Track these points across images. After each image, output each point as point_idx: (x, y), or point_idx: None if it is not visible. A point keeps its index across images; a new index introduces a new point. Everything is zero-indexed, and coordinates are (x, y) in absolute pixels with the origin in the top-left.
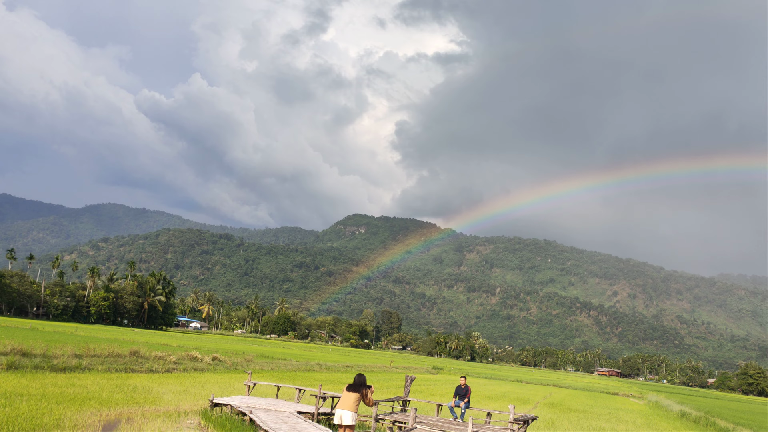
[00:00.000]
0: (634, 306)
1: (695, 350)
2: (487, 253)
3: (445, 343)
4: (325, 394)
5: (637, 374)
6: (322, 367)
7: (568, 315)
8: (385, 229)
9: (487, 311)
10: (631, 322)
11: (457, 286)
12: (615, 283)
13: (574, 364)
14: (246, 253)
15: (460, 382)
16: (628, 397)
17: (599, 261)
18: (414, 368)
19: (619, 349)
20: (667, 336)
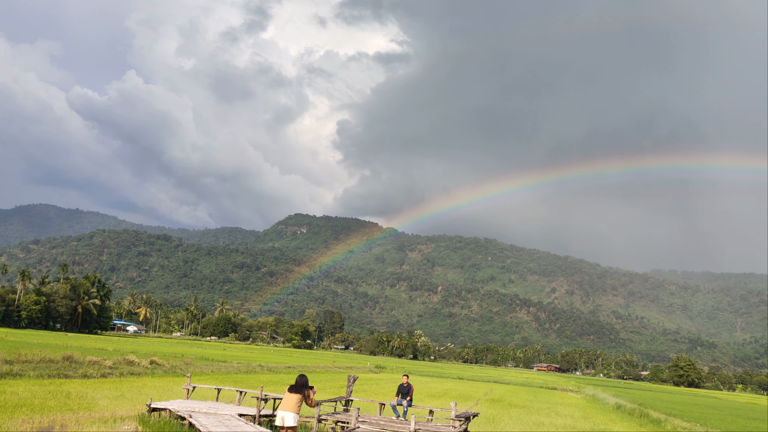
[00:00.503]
0: (572, 302)
1: (630, 344)
2: (428, 251)
3: (387, 342)
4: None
5: (574, 369)
6: (263, 368)
7: (508, 312)
8: (327, 229)
9: (429, 309)
10: (569, 318)
11: (399, 285)
12: (553, 279)
13: (515, 361)
14: (185, 254)
15: (403, 381)
16: (566, 391)
17: (538, 258)
18: (357, 368)
19: (558, 344)
20: (603, 331)
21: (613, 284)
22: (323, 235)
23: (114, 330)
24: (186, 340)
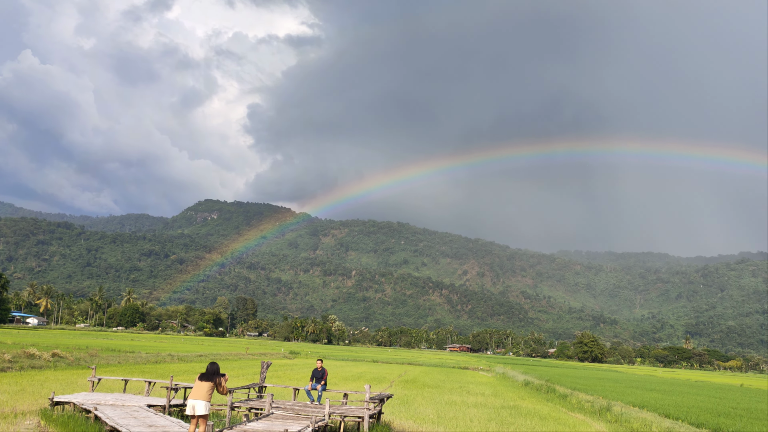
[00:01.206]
0: (483, 284)
1: (538, 323)
2: (342, 236)
3: (301, 328)
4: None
5: (486, 348)
6: (174, 358)
7: (421, 295)
8: (239, 215)
9: (343, 294)
10: (480, 299)
11: (313, 270)
12: (465, 262)
13: (428, 342)
14: (88, 242)
15: (317, 365)
16: (477, 370)
17: (450, 241)
18: (270, 354)
19: (470, 325)
20: (513, 311)
21: (522, 265)
22: (235, 221)
23: (13, 323)
24: (91, 331)
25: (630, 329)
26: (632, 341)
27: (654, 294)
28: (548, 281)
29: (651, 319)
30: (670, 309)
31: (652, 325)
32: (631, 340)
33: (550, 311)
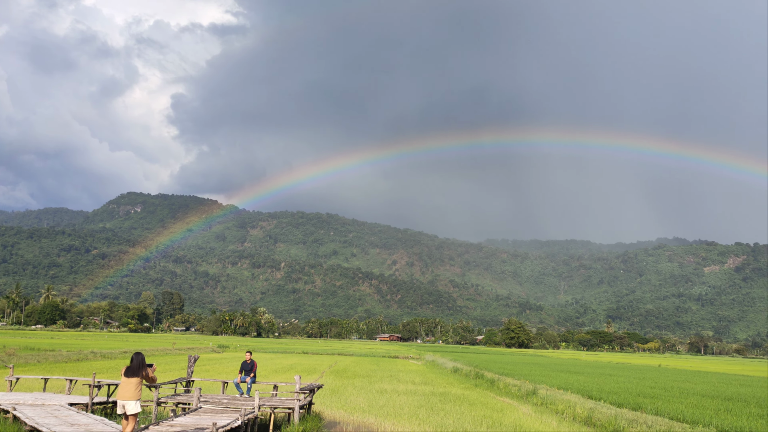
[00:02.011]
0: (412, 273)
1: (466, 311)
2: (270, 228)
3: (230, 321)
4: (100, 383)
5: (415, 337)
6: (96, 355)
7: (351, 285)
8: (164, 207)
9: (272, 286)
10: (409, 288)
11: (241, 262)
12: (394, 252)
13: (358, 333)
14: (3, 238)
15: (246, 358)
16: (407, 359)
17: (379, 232)
18: (198, 348)
19: (399, 314)
20: (442, 299)
21: (451, 255)
22: (159, 213)
23: None
24: (7, 330)
25: (555, 315)
26: (557, 326)
27: (577, 280)
28: (476, 270)
29: (574, 304)
30: (593, 294)
31: (576, 311)
32: (556, 326)
33: (478, 299)
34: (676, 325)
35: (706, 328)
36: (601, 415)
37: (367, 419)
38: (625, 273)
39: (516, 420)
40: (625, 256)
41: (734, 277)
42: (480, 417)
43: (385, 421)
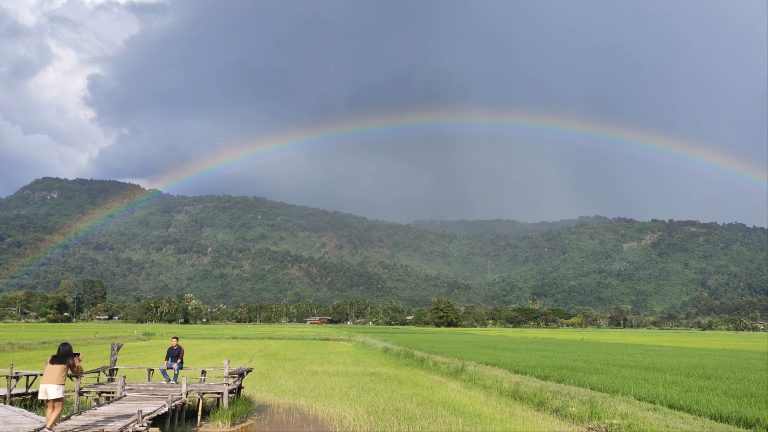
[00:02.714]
0: (342, 256)
1: (396, 292)
2: (196, 212)
3: (156, 308)
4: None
5: (346, 319)
6: (14, 346)
7: (280, 269)
8: (82, 193)
9: (199, 272)
10: (339, 271)
11: (166, 248)
12: (323, 235)
13: (288, 316)
14: None
15: (172, 344)
16: (338, 341)
17: (308, 215)
18: (122, 337)
19: (330, 297)
20: (372, 281)
21: (380, 236)
22: (78, 199)
23: None
24: None
25: (482, 293)
26: (484, 305)
27: (504, 259)
28: (405, 251)
29: (501, 282)
30: (519, 272)
31: (503, 289)
32: (484, 304)
33: (407, 280)
34: (598, 300)
35: (625, 303)
36: (527, 389)
37: (298, 401)
38: (549, 251)
39: (445, 396)
40: (549, 235)
41: (651, 252)
42: (410, 395)
43: (316, 403)
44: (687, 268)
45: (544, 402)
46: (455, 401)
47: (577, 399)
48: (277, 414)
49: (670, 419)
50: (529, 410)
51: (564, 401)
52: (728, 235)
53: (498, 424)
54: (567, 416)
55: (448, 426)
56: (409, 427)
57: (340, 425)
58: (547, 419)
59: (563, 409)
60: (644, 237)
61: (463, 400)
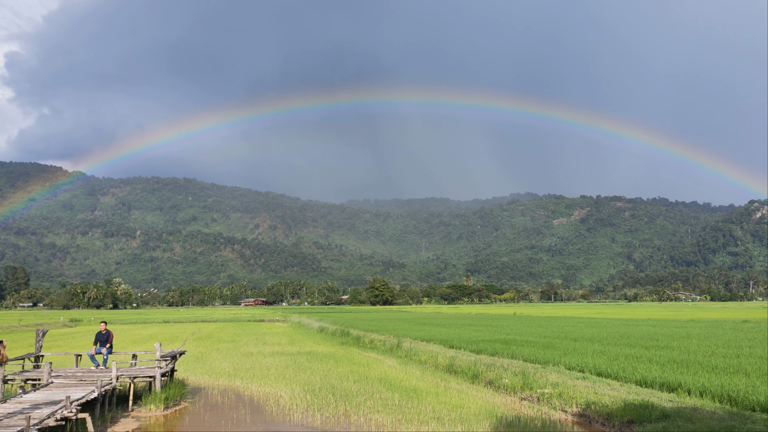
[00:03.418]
0: (275, 236)
1: (331, 272)
2: (123, 195)
3: (83, 294)
4: None
5: (281, 300)
6: None
7: (212, 251)
8: (1, 176)
9: (128, 256)
10: (273, 252)
11: (92, 232)
12: (256, 216)
13: (222, 299)
14: None
15: (101, 328)
16: (273, 322)
17: (240, 196)
18: (48, 324)
19: (264, 278)
20: (306, 261)
21: (314, 216)
22: None
23: None
24: None
25: (417, 271)
26: (419, 282)
27: (438, 237)
28: (339, 230)
29: (435, 260)
30: (452, 250)
31: (437, 266)
32: (419, 282)
33: (342, 259)
34: (529, 275)
35: (555, 277)
36: (462, 363)
37: (233, 383)
38: (482, 228)
39: (382, 372)
40: (482, 212)
41: (580, 227)
42: (347, 372)
43: (251, 384)
44: (614, 243)
45: (478, 375)
46: (391, 377)
47: (510, 371)
48: (212, 396)
49: (599, 386)
50: (464, 383)
51: (497, 373)
52: (652, 209)
53: (434, 397)
54: (500, 388)
55: (384, 402)
56: (346, 404)
57: (276, 405)
58: (482, 391)
59: (497, 381)
60: (573, 213)
61: (399, 376)
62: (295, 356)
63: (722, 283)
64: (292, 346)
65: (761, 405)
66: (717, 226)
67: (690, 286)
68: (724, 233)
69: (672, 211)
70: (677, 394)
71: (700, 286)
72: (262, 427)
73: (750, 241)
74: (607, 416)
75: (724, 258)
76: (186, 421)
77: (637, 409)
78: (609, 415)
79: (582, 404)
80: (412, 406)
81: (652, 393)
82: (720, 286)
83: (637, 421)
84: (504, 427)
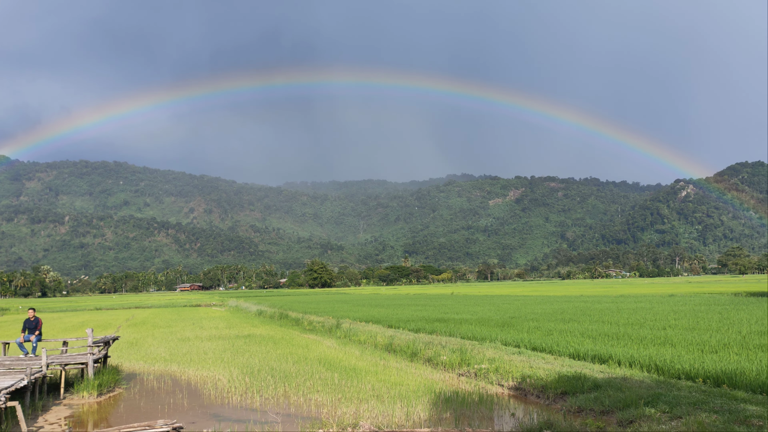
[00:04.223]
0: (211, 220)
1: (269, 255)
2: (50, 179)
3: (9, 282)
4: None
5: (218, 285)
6: None
7: (146, 236)
8: None
9: (56, 242)
10: (209, 236)
11: (17, 218)
12: (191, 200)
13: (157, 285)
14: None
15: (29, 315)
16: (210, 306)
17: (174, 179)
18: None
19: (200, 263)
20: (243, 245)
21: (250, 199)
22: None
23: None
24: None
25: (355, 253)
26: (358, 264)
27: (375, 219)
28: (276, 213)
29: (374, 242)
30: (390, 231)
31: (375, 248)
32: (357, 264)
33: (280, 243)
34: (466, 255)
35: (491, 257)
36: (401, 341)
37: (169, 368)
38: (420, 209)
39: (321, 353)
40: (419, 193)
41: (515, 208)
42: (286, 354)
43: (188, 368)
44: (548, 222)
45: (417, 353)
46: (331, 357)
47: (448, 348)
48: (148, 381)
49: (534, 360)
50: (403, 361)
51: (436, 351)
52: (584, 189)
53: (373, 376)
54: (439, 365)
55: (324, 381)
56: (285, 385)
57: (214, 388)
58: (421, 369)
59: (435, 358)
60: (508, 193)
61: (338, 356)
62: (233, 340)
63: (650, 259)
64: (229, 329)
65: (686, 373)
66: (645, 205)
67: (620, 263)
68: (652, 212)
69: (603, 191)
70: (608, 366)
71: (629, 263)
72: (200, 410)
73: (676, 218)
74: (541, 389)
75: (652, 235)
76: (121, 407)
77: (571, 380)
78: (544, 387)
79: (518, 378)
80: (352, 384)
81: (584, 365)
82: (648, 262)
83: (571, 392)
84: (442, 402)
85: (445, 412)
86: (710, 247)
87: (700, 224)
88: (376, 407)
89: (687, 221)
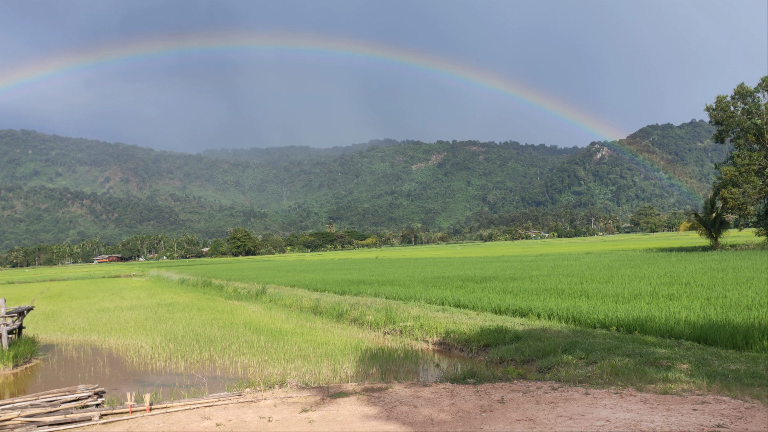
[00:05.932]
0: (128, 190)
1: (190, 224)
2: None
3: None
4: None
5: (138, 256)
6: None
7: (59, 207)
8: None
9: None
10: (126, 206)
11: None
12: (106, 169)
13: (73, 257)
14: None
15: None
16: (130, 277)
17: (87, 148)
18: None
19: (118, 234)
20: (163, 215)
21: (169, 168)
22: None
23: None
24: None
25: (279, 220)
26: (282, 231)
27: (299, 185)
28: (197, 182)
29: (297, 209)
30: (314, 198)
31: (299, 215)
32: (281, 231)
33: (201, 211)
34: (390, 220)
35: (415, 221)
36: (326, 304)
37: (89, 338)
38: (343, 175)
39: (246, 318)
40: (342, 159)
41: (437, 172)
42: (210, 320)
43: (109, 337)
44: (470, 186)
45: (343, 314)
46: (256, 321)
47: (374, 308)
48: (66, 351)
49: (457, 316)
50: (329, 323)
51: (362, 311)
52: (504, 153)
53: (299, 337)
54: (365, 324)
55: (250, 344)
56: (210, 349)
57: (137, 355)
58: (347, 329)
59: (361, 318)
60: (431, 158)
61: (264, 320)
62: (156, 308)
63: (568, 220)
64: (151, 298)
65: (601, 322)
66: (563, 167)
67: (539, 224)
68: (569, 174)
69: (522, 154)
70: (528, 319)
71: (548, 224)
72: (122, 377)
73: (591, 180)
74: (465, 342)
75: (569, 197)
76: (39, 377)
77: (493, 333)
78: (467, 341)
79: (442, 333)
80: (278, 346)
81: (506, 319)
82: (566, 223)
83: (493, 345)
84: (369, 359)
85: (372, 368)
86: (624, 207)
87: (614, 185)
88: (303, 366)
89: (602, 182)
